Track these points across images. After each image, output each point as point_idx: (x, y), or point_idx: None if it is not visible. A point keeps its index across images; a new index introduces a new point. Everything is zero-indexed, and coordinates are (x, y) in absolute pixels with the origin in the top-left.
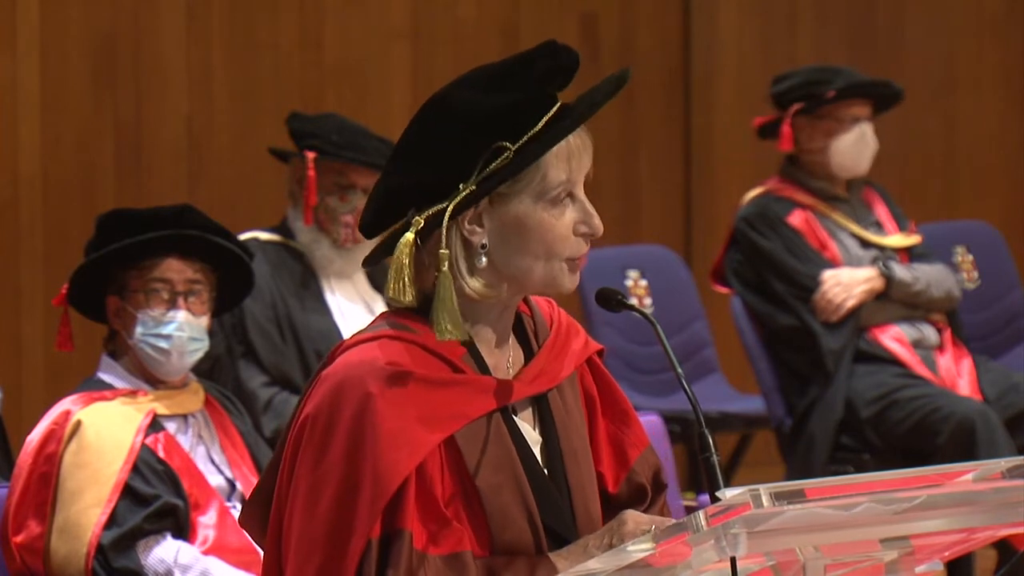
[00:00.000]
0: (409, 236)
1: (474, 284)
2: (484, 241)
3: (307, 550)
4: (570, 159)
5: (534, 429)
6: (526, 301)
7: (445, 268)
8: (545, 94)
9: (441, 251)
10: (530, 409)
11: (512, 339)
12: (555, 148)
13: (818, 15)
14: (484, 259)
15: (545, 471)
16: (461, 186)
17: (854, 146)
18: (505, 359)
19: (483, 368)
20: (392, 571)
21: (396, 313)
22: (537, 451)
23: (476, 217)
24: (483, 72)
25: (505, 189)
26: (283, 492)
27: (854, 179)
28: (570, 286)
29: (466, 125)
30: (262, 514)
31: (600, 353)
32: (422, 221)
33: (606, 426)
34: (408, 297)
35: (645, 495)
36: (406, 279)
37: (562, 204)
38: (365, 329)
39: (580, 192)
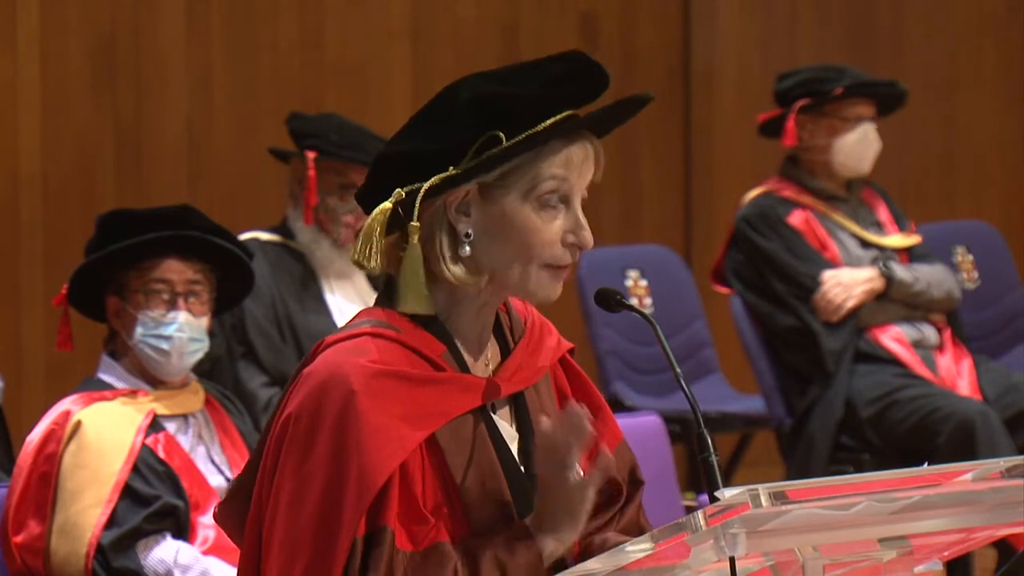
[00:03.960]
0: (386, 204)
1: (454, 270)
2: (468, 230)
3: (293, 550)
4: (568, 165)
5: (511, 426)
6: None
7: (415, 240)
8: (557, 98)
9: (411, 224)
10: (508, 407)
11: (492, 337)
12: (552, 151)
13: (818, 15)
14: (468, 248)
15: (522, 468)
16: (451, 168)
17: (857, 145)
18: (483, 356)
19: (463, 366)
20: (373, 571)
21: (377, 310)
22: (514, 448)
23: (464, 205)
24: (503, 67)
25: (496, 182)
26: (264, 491)
27: (854, 179)
28: (549, 294)
29: (467, 109)
30: (240, 511)
31: (571, 352)
32: (403, 193)
33: None
34: (373, 263)
35: (621, 491)
36: (374, 245)
37: (553, 209)
38: (346, 326)
39: (576, 201)
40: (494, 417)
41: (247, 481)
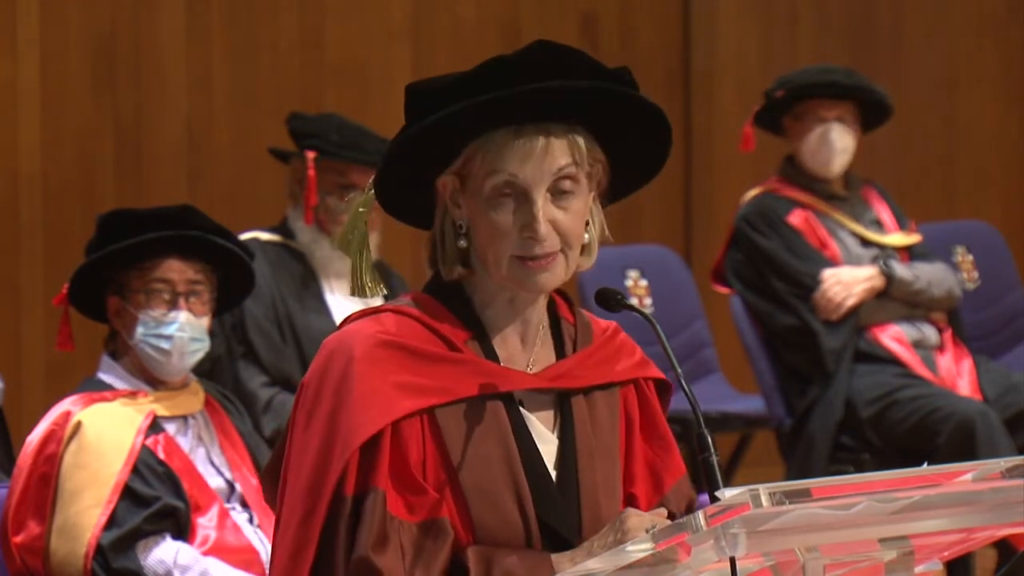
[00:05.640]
0: (367, 196)
1: (450, 263)
2: (460, 222)
3: (292, 508)
4: (508, 161)
5: (552, 430)
6: (572, 311)
7: (362, 226)
8: (499, 85)
9: (360, 210)
10: (552, 410)
11: (545, 341)
12: (498, 147)
13: (818, 15)
14: (463, 241)
15: (554, 471)
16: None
17: (816, 146)
18: (527, 356)
19: (490, 355)
20: (365, 529)
21: (415, 292)
22: (552, 451)
23: (455, 195)
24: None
25: (464, 174)
26: (285, 460)
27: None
28: (530, 284)
29: (414, 98)
30: (274, 486)
31: (665, 388)
32: (372, 184)
33: (643, 450)
34: (347, 248)
35: None
36: (356, 233)
37: (505, 202)
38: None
39: (535, 193)
40: (528, 415)
41: (279, 454)
